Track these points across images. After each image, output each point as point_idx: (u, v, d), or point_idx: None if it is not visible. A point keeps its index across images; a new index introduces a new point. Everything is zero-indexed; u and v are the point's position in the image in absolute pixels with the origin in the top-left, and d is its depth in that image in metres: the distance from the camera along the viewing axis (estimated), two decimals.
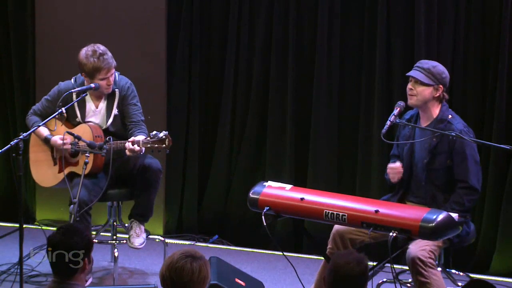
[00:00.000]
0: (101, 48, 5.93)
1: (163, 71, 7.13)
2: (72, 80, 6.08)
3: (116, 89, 6.00)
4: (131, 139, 5.70)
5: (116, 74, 6.04)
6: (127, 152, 5.68)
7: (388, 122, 5.39)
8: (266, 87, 6.99)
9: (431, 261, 5.10)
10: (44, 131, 5.97)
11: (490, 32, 6.45)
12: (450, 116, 5.39)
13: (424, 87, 5.37)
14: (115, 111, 6.01)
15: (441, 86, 5.38)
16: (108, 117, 6.02)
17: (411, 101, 5.41)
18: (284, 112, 6.92)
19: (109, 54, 5.92)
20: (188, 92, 7.16)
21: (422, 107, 5.42)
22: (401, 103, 5.46)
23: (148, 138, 5.64)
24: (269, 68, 6.96)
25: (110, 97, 6.02)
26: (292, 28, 6.83)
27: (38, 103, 6.14)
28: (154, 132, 5.63)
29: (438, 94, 5.39)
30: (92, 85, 5.90)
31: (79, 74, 6.02)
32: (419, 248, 5.09)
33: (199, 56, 7.13)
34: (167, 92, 7.17)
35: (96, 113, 6.03)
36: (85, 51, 5.92)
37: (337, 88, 6.82)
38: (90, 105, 6.03)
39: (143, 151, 5.69)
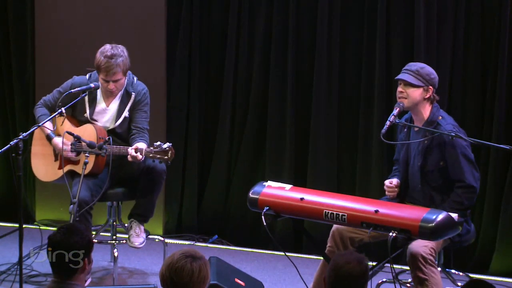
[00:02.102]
0: (116, 50, 5.90)
1: (163, 71, 7.14)
2: (87, 75, 6.09)
3: (132, 92, 6.01)
4: (134, 146, 5.71)
5: (135, 78, 6.05)
6: (129, 158, 5.69)
7: (388, 122, 5.40)
8: (266, 87, 6.99)
9: (432, 258, 5.12)
10: (48, 126, 5.95)
11: (490, 32, 6.45)
12: (440, 117, 5.40)
13: (414, 89, 5.38)
14: (126, 113, 6.02)
15: (430, 87, 5.40)
16: (118, 117, 6.02)
17: (402, 104, 5.41)
18: (284, 112, 6.92)
19: (119, 60, 5.86)
20: (188, 92, 7.16)
21: (413, 109, 5.43)
22: (400, 103, 5.47)
23: (152, 148, 5.64)
24: (269, 68, 6.96)
25: (124, 99, 6.02)
26: (292, 28, 6.83)
27: (49, 95, 6.12)
28: (158, 143, 5.63)
29: (428, 95, 5.40)
30: (92, 85, 5.91)
31: (95, 70, 6.03)
32: (420, 244, 5.10)
33: (199, 56, 7.13)
34: (167, 92, 7.18)
35: (106, 111, 6.03)
36: (103, 47, 5.94)
37: (337, 88, 6.83)
38: (100, 102, 6.03)
39: (143, 159, 5.70)
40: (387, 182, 5.51)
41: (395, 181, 5.48)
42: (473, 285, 3.88)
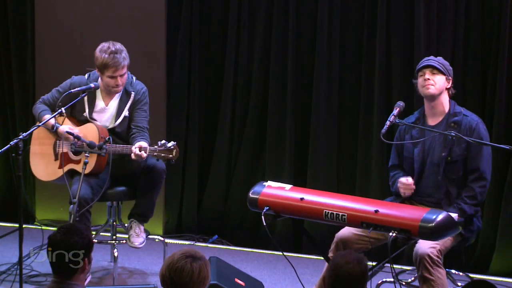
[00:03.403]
0: (116, 46, 5.93)
1: (163, 71, 7.14)
2: (86, 75, 6.09)
3: (132, 92, 6.01)
4: (138, 145, 5.70)
5: (134, 78, 6.06)
6: (132, 156, 5.69)
7: (388, 122, 5.40)
8: (266, 87, 6.99)
9: (439, 260, 5.13)
10: (51, 120, 5.94)
11: (490, 32, 6.46)
12: (462, 109, 5.48)
13: (441, 76, 5.46)
14: (126, 112, 6.02)
15: (450, 77, 5.49)
16: (117, 117, 6.02)
17: (429, 90, 5.43)
18: (284, 112, 6.92)
19: (123, 54, 5.90)
20: (188, 92, 7.16)
21: (435, 100, 5.45)
22: (400, 103, 5.47)
23: (156, 147, 5.64)
24: (269, 68, 6.96)
25: (123, 98, 6.02)
26: (291, 28, 6.83)
27: (48, 94, 6.12)
28: (163, 141, 5.63)
29: (449, 86, 5.49)
30: (92, 85, 5.91)
31: (94, 70, 6.03)
32: (429, 245, 5.11)
33: (199, 56, 7.13)
34: (167, 92, 7.18)
35: (105, 111, 6.03)
36: (101, 46, 5.95)
37: (337, 88, 6.83)
38: (99, 101, 6.03)
39: (145, 157, 5.70)
40: (403, 179, 5.47)
41: (410, 179, 5.47)
42: (475, 285, 3.87)
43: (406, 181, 5.46)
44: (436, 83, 5.43)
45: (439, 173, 5.41)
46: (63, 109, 5.69)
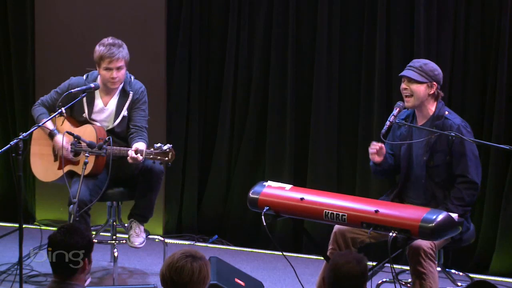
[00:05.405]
0: (115, 40, 5.96)
1: (163, 71, 7.14)
2: (84, 76, 6.09)
3: (130, 91, 6.01)
4: (134, 148, 5.70)
5: (132, 77, 6.06)
6: (129, 160, 5.69)
7: (388, 122, 5.41)
8: (266, 87, 6.99)
9: (432, 253, 5.13)
10: (49, 125, 5.95)
11: (490, 32, 6.46)
12: (446, 112, 5.41)
13: (418, 85, 5.38)
14: (124, 112, 6.02)
15: (434, 83, 5.39)
16: (116, 116, 6.02)
17: (408, 104, 5.42)
18: (284, 112, 6.93)
19: (121, 48, 5.92)
20: (188, 92, 7.16)
21: (419, 106, 5.43)
22: (400, 103, 5.47)
23: (152, 149, 5.64)
24: (269, 68, 6.96)
25: (122, 97, 6.02)
26: (292, 28, 6.83)
27: (47, 95, 6.12)
28: (159, 144, 5.63)
29: (432, 91, 5.40)
30: (92, 85, 5.91)
31: (93, 71, 6.03)
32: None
33: (199, 56, 7.13)
34: (167, 92, 7.18)
35: (104, 111, 6.03)
36: (101, 41, 5.97)
37: (337, 88, 6.83)
38: (98, 101, 6.03)
39: (143, 160, 5.70)
40: (374, 142, 5.46)
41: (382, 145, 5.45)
42: (476, 286, 3.87)
43: (375, 143, 5.44)
44: (413, 92, 5.37)
45: (422, 177, 5.40)
46: (63, 109, 5.69)
